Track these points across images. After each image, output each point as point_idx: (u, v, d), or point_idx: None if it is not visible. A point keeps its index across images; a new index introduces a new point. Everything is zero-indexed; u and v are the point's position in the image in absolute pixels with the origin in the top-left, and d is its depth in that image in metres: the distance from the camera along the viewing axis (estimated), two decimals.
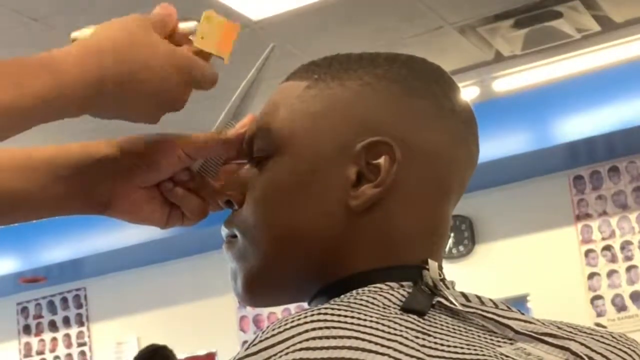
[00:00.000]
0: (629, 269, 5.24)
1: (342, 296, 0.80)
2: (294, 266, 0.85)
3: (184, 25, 0.90)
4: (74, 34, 0.92)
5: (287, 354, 0.70)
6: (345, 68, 0.88)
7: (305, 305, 0.86)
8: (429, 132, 0.86)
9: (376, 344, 0.72)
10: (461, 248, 5.59)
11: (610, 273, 5.26)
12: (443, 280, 0.83)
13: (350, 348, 0.71)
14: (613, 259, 5.27)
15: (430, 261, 0.83)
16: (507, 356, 0.76)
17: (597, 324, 4.98)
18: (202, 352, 6.23)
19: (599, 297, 5.26)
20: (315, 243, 0.84)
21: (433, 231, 0.86)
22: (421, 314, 0.78)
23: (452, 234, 5.59)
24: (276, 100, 0.89)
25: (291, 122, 0.86)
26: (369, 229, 0.84)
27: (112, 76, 0.83)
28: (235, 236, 0.89)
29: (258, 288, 0.88)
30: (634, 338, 0.88)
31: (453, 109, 0.88)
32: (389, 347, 0.72)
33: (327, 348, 0.71)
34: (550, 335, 0.80)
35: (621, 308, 5.22)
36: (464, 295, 0.83)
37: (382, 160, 0.83)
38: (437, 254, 0.86)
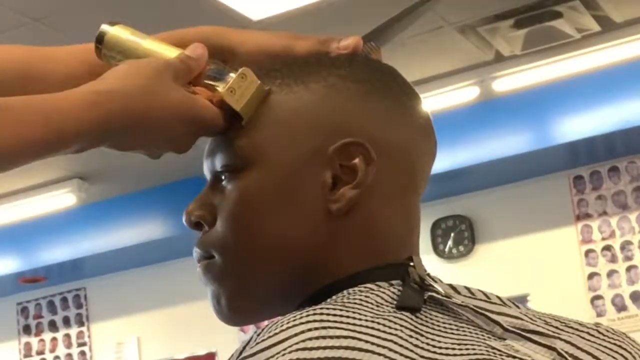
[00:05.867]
0: (629, 269, 5.24)
1: (334, 297, 0.80)
2: (280, 277, 0.85)
3: (212, 73, 0.88)
4: (106, 28, 0.90)
5: (284, 355, 0.70)
6: (307, 71, 0.87)
7: None
8: (397, 129, 0.86)
9: (372, 343, 0.72)
10: (461, 248, 5.58)
11: (610, 273, 5.26)
12: (428, 274, 0.83)
13: (347, 348, 0.71)
14: (613, 259, 5.26)
15: (414, 257, 0.84)
16: (499, 350, 0.76)
17: (597, 324, 4.97)
18: (202, 352, 6.23)
19: (599, 297, 5.26)
20: (300, 251, 0.84)
21: (410, 226, 0.87)
22: (416, 310, 0.78)
23: (452, 234, 5.59)
24: None
25: (259, 133, 0.85)
26: (350, 231, 0.84)
27: (118, 123, 0.82)
28: (211, 257, 0.87)
29: (245, 305, 0.87)
30: (635, 338, 0.88)
31: (413, 105, 0.89)
32: (384, 347, 0.72)
33: (325, 348, 0.71)
34: (537, 333, 0.80)
35: (621, 308, 5.22)
36: (452, 287, 0.83)
37: (357, 161, 0.83)
38: (416, 248, 0.87)
